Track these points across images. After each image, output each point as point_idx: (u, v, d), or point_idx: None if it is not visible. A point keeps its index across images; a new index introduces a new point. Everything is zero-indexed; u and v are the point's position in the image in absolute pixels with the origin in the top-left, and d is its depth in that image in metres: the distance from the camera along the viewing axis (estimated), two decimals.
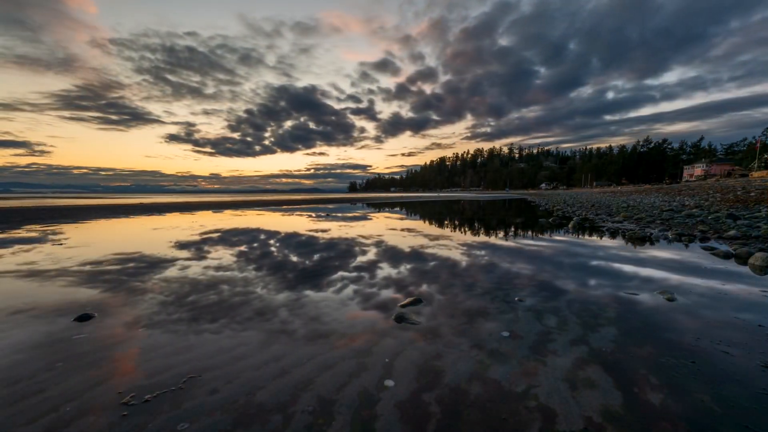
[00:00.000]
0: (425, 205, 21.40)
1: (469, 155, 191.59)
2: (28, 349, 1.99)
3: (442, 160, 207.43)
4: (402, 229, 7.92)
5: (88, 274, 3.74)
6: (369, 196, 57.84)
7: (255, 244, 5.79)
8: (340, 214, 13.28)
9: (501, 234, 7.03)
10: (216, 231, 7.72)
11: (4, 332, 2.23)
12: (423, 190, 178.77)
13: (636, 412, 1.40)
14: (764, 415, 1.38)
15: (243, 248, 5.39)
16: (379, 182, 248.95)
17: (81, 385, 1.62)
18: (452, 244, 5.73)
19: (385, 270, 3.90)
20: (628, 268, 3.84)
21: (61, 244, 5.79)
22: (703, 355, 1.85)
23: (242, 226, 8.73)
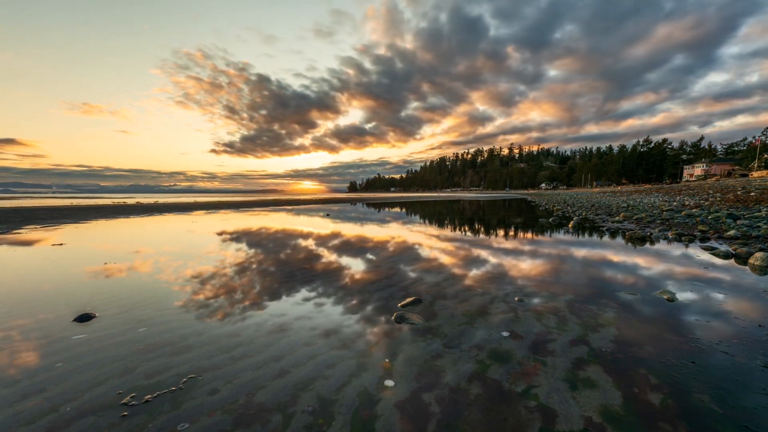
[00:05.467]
0: (425, 205, 21.40)
1: (469, 155, 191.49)
2: (28, 350, 1.99)
3: (442, 159, 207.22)
4: (399, 229, 7.92)
5: (88, 275, 3.74)
6: (368, 196, 57.81)
7: (250, 245, 5.79)
8: (338, 215, 13.28)
9: (500, 234, 7.02)
10: (210, 233, 7.74)
11: (4, 332, 2.23)
12: (423, 190, 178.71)
13: (636, 412, 1.40)
14: (764, 415, 1.38)
15: (238, 249, 5.39)
16: (379, 182, 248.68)
17: (81, 385, 1.62)
18: (452, 243, 5.73)
19: (384, 270, 3.89)
20: (628, 268, 3.83)
21: (62, 245, 5.79)
22: (703, 355, 1.85)
23: (236, 228, 8.74)
